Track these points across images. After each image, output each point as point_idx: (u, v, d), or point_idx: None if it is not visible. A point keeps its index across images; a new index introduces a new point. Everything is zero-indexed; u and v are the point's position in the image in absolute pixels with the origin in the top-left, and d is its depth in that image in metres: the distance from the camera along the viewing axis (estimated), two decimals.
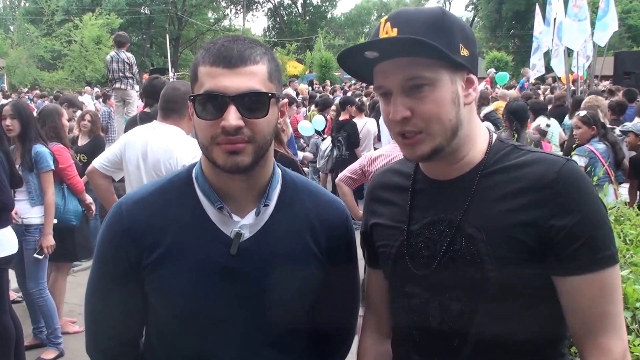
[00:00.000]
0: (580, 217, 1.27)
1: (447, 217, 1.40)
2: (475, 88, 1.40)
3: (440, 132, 1.34)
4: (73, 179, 5.09)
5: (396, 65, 1.33)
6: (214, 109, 1.33)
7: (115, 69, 10.48)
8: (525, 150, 1.40)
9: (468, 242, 1.35)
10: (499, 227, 1.32)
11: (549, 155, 1.37)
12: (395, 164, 1.63)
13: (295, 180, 1.58)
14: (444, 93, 1.32)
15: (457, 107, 1.35)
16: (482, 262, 1.32)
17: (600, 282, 1.28)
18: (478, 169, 1.40)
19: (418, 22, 1.33)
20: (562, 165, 1.31)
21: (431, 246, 1.41)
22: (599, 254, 1.28)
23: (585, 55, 12.57)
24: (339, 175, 5.02)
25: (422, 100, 1.32)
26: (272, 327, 1.47)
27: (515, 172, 1.35)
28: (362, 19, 64.80)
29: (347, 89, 21.46)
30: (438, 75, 1.32)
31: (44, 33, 36.07)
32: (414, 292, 1.45)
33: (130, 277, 1.45)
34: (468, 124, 1.39)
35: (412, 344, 1.47)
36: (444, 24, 1.33)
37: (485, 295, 1.33)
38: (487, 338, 1.35)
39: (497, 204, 1.34)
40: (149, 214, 1.46)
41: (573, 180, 1.30)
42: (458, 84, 1.35)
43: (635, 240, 2.85)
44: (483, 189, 1.37)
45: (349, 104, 9.59)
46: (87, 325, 1.59)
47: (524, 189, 1.32)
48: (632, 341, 1.87)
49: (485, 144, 1.43)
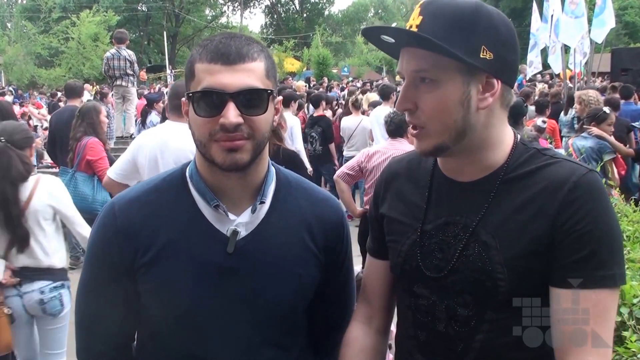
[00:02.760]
0: (589, 228, 1.23)
1: (462, 220, 1.37)
2: (494, 93, 1.31)
3: (442, 131, 1.31)
4: (103, 171, 5.22)
5: (411, 55, 1.31)
6: (212, 106, 1.32)
7: (116, 66, 10.50)
8: (549, 156, 1.35)
9: (481, 249, 1.32)
10: (513, 236, 1.29)
11: (571, 163, 1.33)
12: (416, 156, 1.55)
13: (289, 178, 1.57)
14: (450, 93, 1.29)
15: (465, 110, 1.30)
16: (494, 270, 1.30)
17: (595, 302, 1.23)
18: (499, 173, 1.36)
19: (443, 16, 1.28)
20: (583, 175, 1.27)
21: (445, 249, 1.38)
22: (600, 272, 1.23)
23: (582, 52, 12.55)
24: (337, 171, 5.03)
25: (426, 95, 1.30)
26: (270, 325, 1.47)
27: (535, 178, 1.32)
28: (359, 15, 64.57)
29: (344, 86, 21.45)
30: (447, 74, 1.28)
31: (41, 30, 35.86)
32: (422, 293, 1.43)
33: (124, 278, 1.43)
34: (485, 128, 1.35)
35: (416, 343, 1.46)
36: (470, 21, 1.28)
37: (494, 304, 1.31)
38: (492, 346, 1.33)
39: (514, 212, 1.31)
40: (142, 213, 1.44)
41: (590, 190, 1.26)
42: (472, 86, 1.30)
43: (633, 236, 2.86)
44: (502, 195, 1.34)
45: (322, 100, 9.70)
46: (78, 329, 1.55)
47: (540, 195, 1.29)
48: (628, 337, 1.88)
49: (509, 147, 1.39)
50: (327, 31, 44.40)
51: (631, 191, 6.21)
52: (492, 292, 1.30)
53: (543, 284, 1.29)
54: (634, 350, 1.85)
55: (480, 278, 1.31)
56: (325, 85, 21.08)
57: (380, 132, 8.10)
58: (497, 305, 1.31)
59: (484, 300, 1.32)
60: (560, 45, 12.74)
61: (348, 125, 9.04)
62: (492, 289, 1.30)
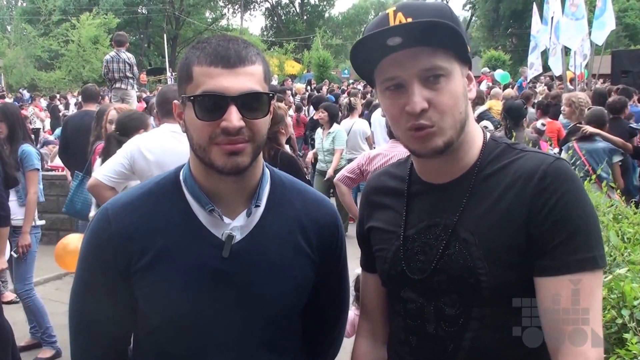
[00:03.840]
0: (561, 215, 1.25)
1: (443, 221, 1.39)
2: (474, 84, 1.40)
3: (452, 125, 1.33)
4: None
5: (414, 55, 1.30)
6: (213, 109, 1.31)
7: (115, 69, 10.49)
8: (519, 150, 1.38)
9: (462, 246, 1.34)
10: (490, 230, 1.31)
11: (540, 154, 1.36)
12: (390, 167, 1.62)
13: (283, 180, 1.57)
14: (458, 86, 1.33)
15: (466, 101, 1.35)
16: (475, 266, 1.31)
17: (578, 286, 1.24)
18: (473, 171, 1.39)
19: (430, 12, 1.32)
20: (551, 163, 1.29)
21: (427, 251, 1.40)
22: (578, 255, 1.24)
23: (583, 54, 12.57)
24: (337, 174, 5.02)
25: (440, 91, 1.31)
26: (266, 328, 1.46)
27: (507, 172, 1.34)
28: (359, 18, 64.67)
29: (345, 88, 21.45)
30: (453, 67, 1.32)
31: (41, 33, 35.93)
32: (409, 297, 1.44)
33: (119, 282, 1.42)
34: (469, 120, 1.39)
35: (408, 349, 1.46)
36: (451, 16, 1.34)
37: (479, 300, 1.32)
38: (481, 344, 1.33)
39: (490, 207, 1.33)
40: (136, 218, 1.43)
41: (559, 177, 1.27)
42: (464, 76, 1.36)
43: (633, 238, 2.85)
44: (477, 191, 1.36)
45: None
46: (72, 334, 1.53)
47: (512, 188, 1.31)
48: (629, 339, 1.87)
49: (480, 143, 1.42)
50: (327, 33, 44.41)
51: (632, 193, 6.19)
52: (475, 288, 1.31)
53: (525, 277, 1.29)
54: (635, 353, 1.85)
55: (463, 275, 1.33)
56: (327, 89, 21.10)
57: (381, 135, 8.11)
58: (482, 301, 1.32)
59: (469, 297, 1.33)
60: (560, 48, 12.76)
61: (344, 128, 9.04)
62: (475, 284, 1.31)
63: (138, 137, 3.74)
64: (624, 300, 1.98)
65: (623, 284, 2.00)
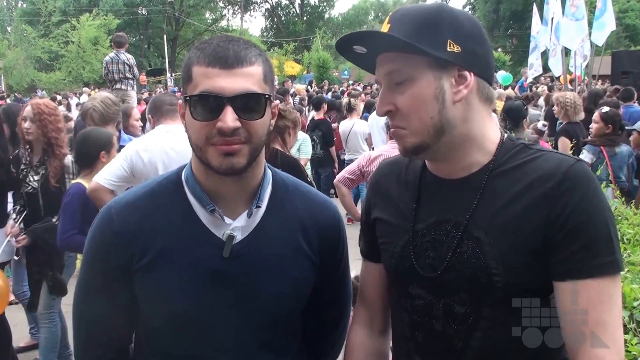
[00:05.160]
0: (581, 219, 1.24)
1: (454, 217, 1.38)
2: (468, 85, 1.34)
3: (421, 128, 1.33)
4: None
5: (384, 60, 1.37)
6: (210, 109, 1.32)
7: (115, 70, 10.49)
8: (535, 150, 1.37)
9: (475, 245, 1.33)
10: (505, 231, 1.30)
11: (558, 155, 1.34)
12: (404, 158, 1.56)
13: (286, 181, 1.57)
14: (424, 89, 1.32)
15: (440, 104, 1.32)
16: (488, 266, 1.30)
17: (598, 290, 1.23)
18: (487, 169, 1.37)
19: (408, 19, 1.34)
20: (570, 166, 1.28)
21: (438, 247, 1.39)
22: (599, 259, 1.23)
23: (583, 55, 12.57)
24: (338, 176, 5.02)
25: (402, 95, 1.34)
26: (266, 329, 1.46)
27: (522, 171, 1.33)
28: (359, 19, 64.77)
29: (345, 89, 21.45)
30: (417, 71, 1.32)
31: (41, 34, 35.98)
32: (417, 294, 1.42)
33: (121, 281, 1.43)
34: (464, 123, 1.36)
35: (413, 344, 1.45)
36: (434, 19, 1.33)
37: (491, 300, 1.31)
38: (490, 344, 1.33)
39: (505, 206, 1.31)
40: (139, 217, 1.44)
41: (579, 180, 1.26)
42: (445, 80, 1.33)
43: (633, 239, 2.86)
44: (491, 190, 1.35)
45: (322, 102, 9.85)
46: (76, 332, 1.55)
47: (529, 188, 1.29)
48: (629, 340, 1.87)
49: (496, 143, 1.40)
50: (327, 34, 44.48)
51: (632, 194, 6.19)
52: (488, 288, 1.30)
53: (540, 278, 1.28)
54: (635, 354, 1.85)
55: (476, 274, 1.32)
56: (326, 89, 21.10)
57: (379, 136, 8.11)
58: (493, 301, 1.31)
59: (480, 296, 1.33)
60: (560, 48, 12.77)
61: (343, 129, 9.12)
62: (488, 285, 1.30)
63: (135, 140, 3.78)
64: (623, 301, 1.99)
65: (623, 285, 2.01)
